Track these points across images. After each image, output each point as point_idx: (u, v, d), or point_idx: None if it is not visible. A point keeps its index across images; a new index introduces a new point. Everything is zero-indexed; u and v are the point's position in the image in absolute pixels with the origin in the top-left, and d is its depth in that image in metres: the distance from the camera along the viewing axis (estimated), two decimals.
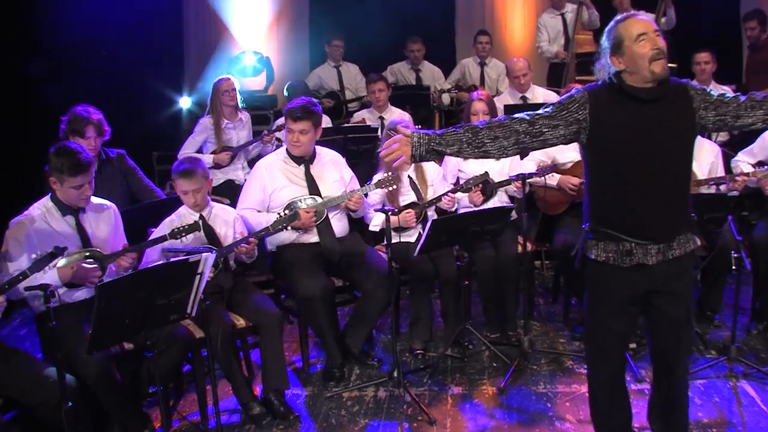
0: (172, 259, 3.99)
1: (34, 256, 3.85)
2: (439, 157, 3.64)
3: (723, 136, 7.83)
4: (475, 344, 5.82)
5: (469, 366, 5.59)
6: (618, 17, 3.60)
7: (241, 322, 4.95)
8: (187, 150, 7.39)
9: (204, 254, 3.89)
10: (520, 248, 5.95)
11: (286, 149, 5.57)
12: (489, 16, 11.19)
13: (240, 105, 7.58)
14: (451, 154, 3.59)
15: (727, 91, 7.85)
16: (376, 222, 5.81)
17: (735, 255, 5.20)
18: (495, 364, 5.59)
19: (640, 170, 3.44)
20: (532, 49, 10.05)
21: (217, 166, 7.36)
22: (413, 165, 5.81)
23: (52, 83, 8.85)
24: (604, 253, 3.58)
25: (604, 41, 3.56)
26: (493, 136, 3.50)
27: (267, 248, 5.60)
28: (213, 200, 5.29)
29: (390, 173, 5.47)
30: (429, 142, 3.48)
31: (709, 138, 6.72)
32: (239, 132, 7.56)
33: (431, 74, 9.90)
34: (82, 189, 4.56)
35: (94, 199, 4.80)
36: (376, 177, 5.68)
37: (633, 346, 5.49)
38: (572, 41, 9.32)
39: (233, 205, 6.41)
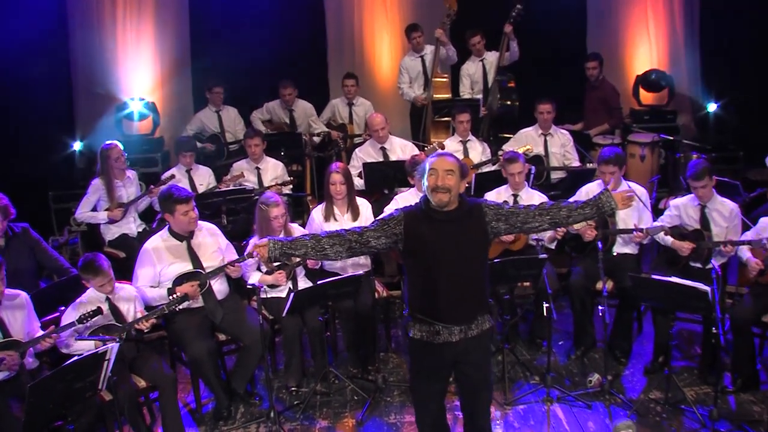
0: (89, 351, 5.02)
1: None
2: (290, 258, 4.77)
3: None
4: (340, 379, 6.89)
5: (335, 400, 6.68)
6: (434, 153, 4.83)
7: (142, 384, 5.95)
8: (84, 209, 8.24)
9: (110, 345, 4.91)
10: (377, 294, 7.09)
11: (169, 228, 6.52)
12: (358, 56, 12.10)
13: (126, 165, 8.44)
14: (299, 257, 4.74)
15: (566, 134, 9.11)
16: (252, 281, 6.80)
17: (546, 305, 6.34)
18: (356, 398, 6.68)
19: (441, 272, 4.59)
20: (397, 87, 11.01)
21: (111, 221, 8.23)
22: (283, 229, 6.83)
23: None
24: (419, 332, 4.73)
25: (420, 166, 4.74)
26: (332, 243, 4.64)
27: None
28: (110, 254, 6.23)
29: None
30: (282, 247, 4.63)
31: (539, 189, 7.91)
32: (128, 188, 8.42)
33: (303, 112, 10.77)
34: None
35: (7, 291, 5.62)
36: (251, 243, 6.72)
37: None
38: (430, 84, 10.40)
39: (129, 257, 7.40)
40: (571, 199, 4.97)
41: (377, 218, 4.83)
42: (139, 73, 11.36)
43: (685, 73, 12.03)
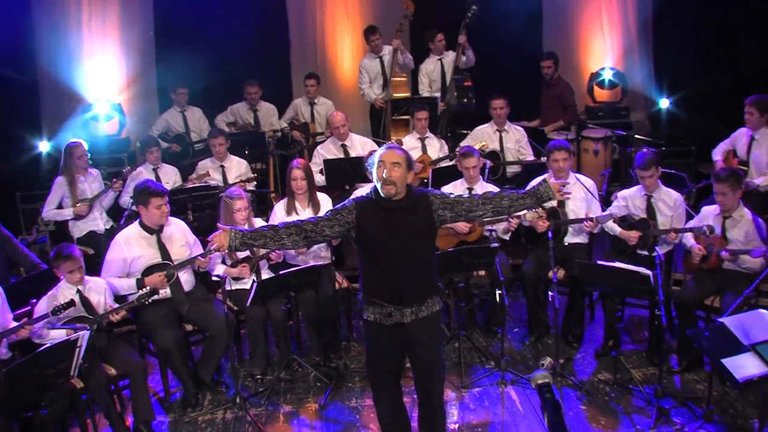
0: (60, 339, 5.28)
1: None
2: (250, 248, 5.07)
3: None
4: (304, 367, 7.16)
5: (298, 387, 6.97)
6: (384, 145, 5.09)
7: (113, 371, 6.20)
8: (50, 206, 8.49)
9: (81, 332, 5.16)
10: (337, 285, 7.38)
11: (139, 221, 6.78)
12: (320, 57, 12.41)
13: (89, 164, 8.68)
14: (258, 246, 5.01)
15: (521, 130, 9.43)
16: (217, 272, 7.07)
17: (498, 292, 6.62)
18: (318, 384, 6.96)
19: (391, 258, 4.89)
20: (358, 87, 11.27)
21: (77, 217, 8.45)
22: (247, 224, 7.06)
23: None
24: (373, 315, 5.02)
25: (369, 162, 5.01)
26: (289, 233, 4.92)
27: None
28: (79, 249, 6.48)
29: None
30: (242, 237, 4.89)
31: (494, 184, 8.18)
32: (91, 185, 8.66)
33: (267, 113, 11.06)
34: None
35: None
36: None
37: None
38: (389, 83, 10.69)
39: (97, 254, 7.62)
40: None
41: (331, 209, 5.10)
42: (104, 75, 11.52)
43: (638, 70, 12.37)
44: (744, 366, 4.65)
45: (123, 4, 11.58)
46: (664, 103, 11.87)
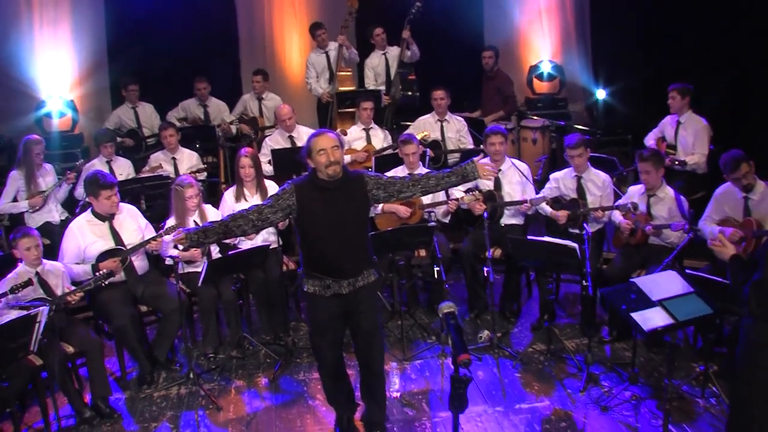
0: (20, 314, 5.59)
1: None
2: (204, 246, 5.43)
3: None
4: (254, 345, 7.51)
5: (249, 363, 7.31)
6: (314, 132, 5.44)
7: (71, 349, 6.48)
8: (6, 200, 8.72)
9: (40, 308, 5.47)
10: (284, 268, 7.72)
11: (92, 210, 7.07)
12: (269, 53, 12.77)
13: (43, 159, 8.94)
14: (213, 242, 5.47)
15: (461, 120, 9.80)
16: (170, 254, 7.28)
17: (437, 268, 7.05)
18: (268, 361, 7.30)
19: (329, 234, 5.25)
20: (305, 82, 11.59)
21: (33, 209, 8.71)
22: (198, 211, 7.42)
23: None
24: (312, 287, 5.40)
25: (305, 147, 5.35)
26: (237, 225, 5.31)
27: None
28: None
29: (177, 222, 7.15)
30: (197, 238, 5.26)
31: (435, 171, 8.52)
32: (45, 178, 8.90)
33: (217, 108, 11.32)
34: None
35: None
36: (168, 222, 7.29)
37: None
38: (335, 78, 11.05)
39: (52, 244, 7.88)
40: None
41: (271, 195, 5.46)
42: (57, 73, 11.72)
43: (576, 63, 12.89)
44: (651, 319, 5.08)
45: (74, 2, 11.80)
46: (601, 94, 12.35)
